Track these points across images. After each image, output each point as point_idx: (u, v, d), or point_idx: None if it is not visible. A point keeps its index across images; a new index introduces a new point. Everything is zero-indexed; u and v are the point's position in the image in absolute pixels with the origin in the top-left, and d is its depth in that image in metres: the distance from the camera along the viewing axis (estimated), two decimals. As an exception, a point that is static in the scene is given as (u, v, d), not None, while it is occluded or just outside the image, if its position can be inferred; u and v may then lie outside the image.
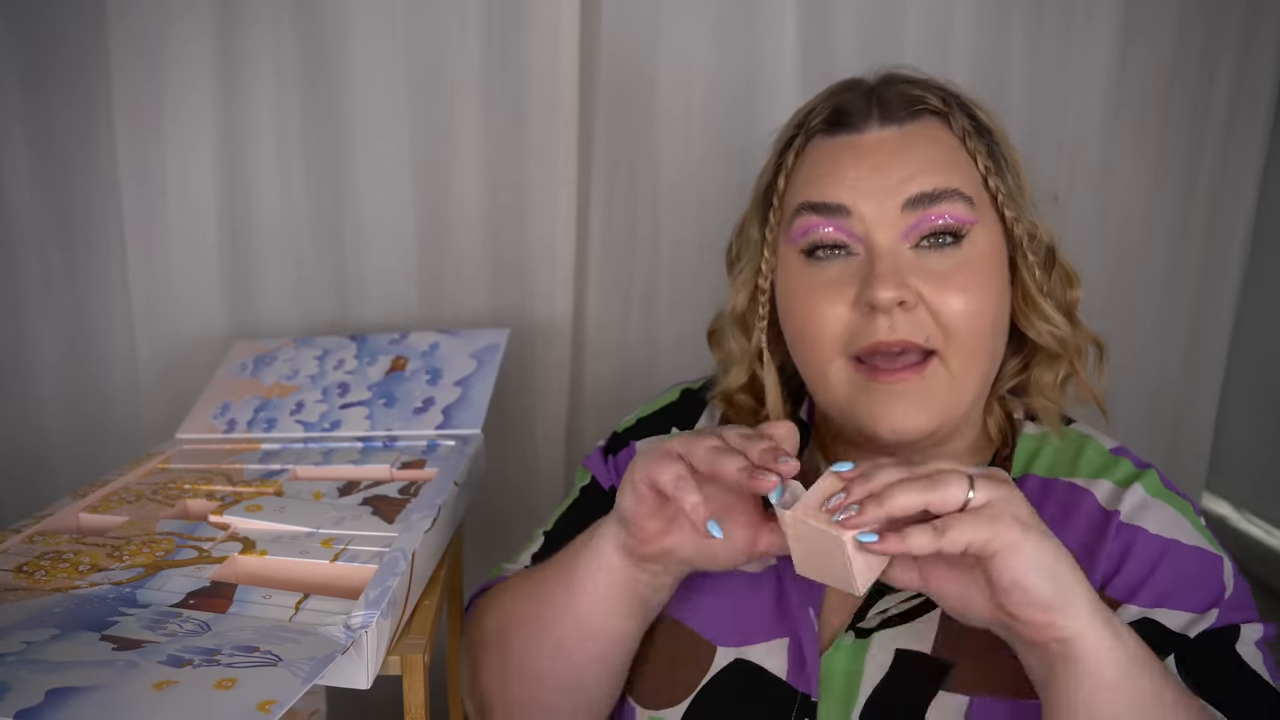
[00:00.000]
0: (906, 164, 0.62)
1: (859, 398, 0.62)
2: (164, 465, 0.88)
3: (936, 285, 0.61)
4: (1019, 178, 0.67)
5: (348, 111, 1.07)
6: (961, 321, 0.61)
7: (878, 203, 0.62)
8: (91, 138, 1.05)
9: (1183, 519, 0.64)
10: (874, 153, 0.63)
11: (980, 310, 0.62)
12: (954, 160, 0.64)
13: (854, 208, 0.62)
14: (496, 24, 1.06)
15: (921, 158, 0.63)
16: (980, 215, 0.63)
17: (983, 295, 0.62)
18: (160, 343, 1.10)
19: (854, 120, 0.65)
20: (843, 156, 0.64)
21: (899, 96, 0.65)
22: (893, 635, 0.63)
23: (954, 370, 0.62)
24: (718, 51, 1.09)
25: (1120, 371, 1.21)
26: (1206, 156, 1.17)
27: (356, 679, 0.56)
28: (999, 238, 0.65)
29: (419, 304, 1.13)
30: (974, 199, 0.63)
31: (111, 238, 1.08)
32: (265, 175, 1.08)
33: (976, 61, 1.11)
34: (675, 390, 0.83)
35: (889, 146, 0.63)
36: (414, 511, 0.72)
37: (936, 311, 0.61)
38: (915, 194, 0.61)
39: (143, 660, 0.50)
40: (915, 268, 0.61)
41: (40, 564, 0.66)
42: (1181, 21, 1.13)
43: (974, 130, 0.65)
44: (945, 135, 0.64)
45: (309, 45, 1.05)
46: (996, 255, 0.64)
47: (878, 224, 0.62)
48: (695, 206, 1.14)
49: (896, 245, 0.62)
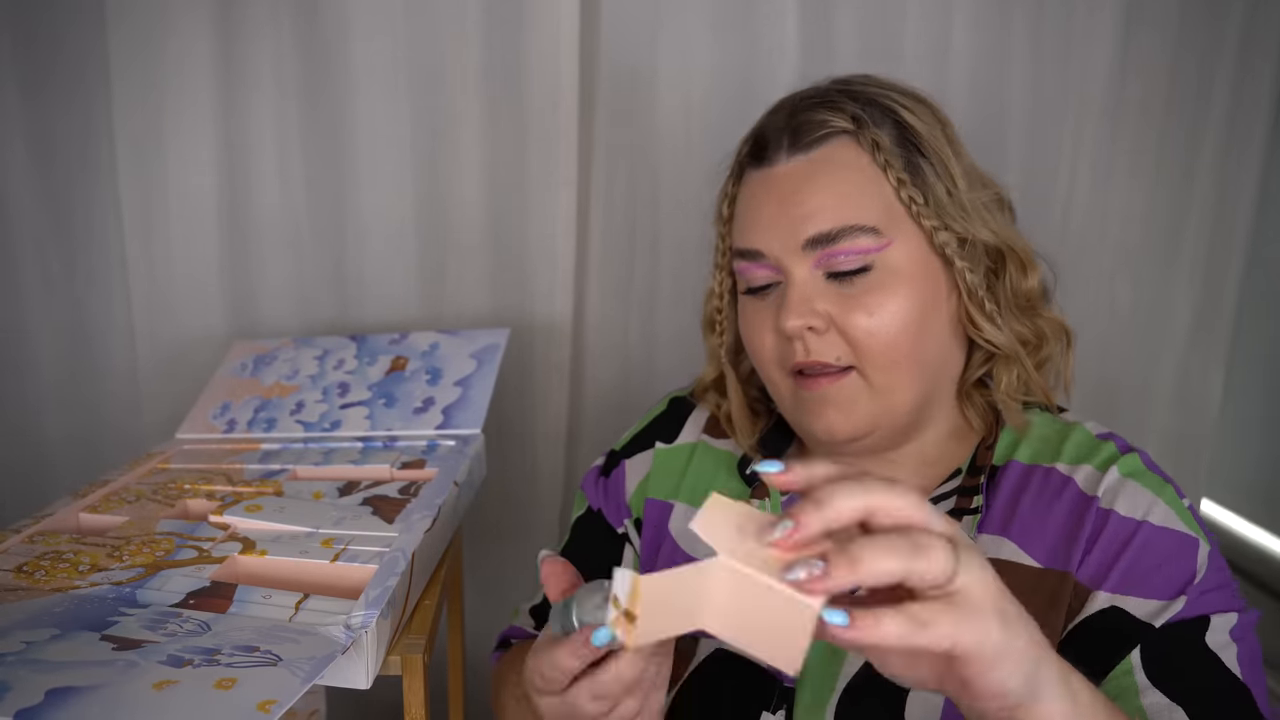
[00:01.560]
0: (807, 199, 0.64)
1: (798, 404, 0.67)
2: (164, 465, 0.88)
3: (844, 308, 0.64)
4: (954, 179, 0.66)
5: (348, 112, 1.07)
6: (870, 340, 0.63)
7: (783, 241, 0.65)
8: (92, 139, 1.05)
9: (1157, 499, 0.63)
10: (780, 186, 0.66)
11: (891, 326, 0.63)
12: (859, 185, 0.64)
13: (766, 250, 0.66)
14: (497, 24, 1.06)
15: (823, 190, 0.64)
16: (893, 234, 0.64)
17: (894, 312, 0.63)
18: (160, 343, 1.10)
19: (768, 151, 0.67)
20: (758, 193, 0.67)
21: (808, 122, 0.66)
22: None
23: (875, 382, 0.64)
24: (718, 52, 1.09)
25: (1120, 372, 1.21)
26: (1206, 156, 1.17)
27: (356, 679, 0.56)
28: (923, 247, 0.65)
29: (419, 304, 1.13)
30: (879, 225, 0.63)
31: (112, 239, 1.08)
32: (265, 176, 1.08)
33: (976, 61, 1.12)
34: (664, 401, 0.84)
35: (794, 179, 0.65)
36: (414, 511, 0.72)
37: (844, 331, 0.64)
38: (813, 234, 0.64)
39: (143, 660, 0.50)
40: (826, 293, 0.64)
41: (40, 564, 0.66)
42: (1181, 21, 1.13)
43: (892, 141, 0.65)
44: (854, 156, 0.65)
45: (309, 47, 1.05)
46: (918, 267, 0.65)
47: (786, 258, 0.65)
48: (695, 207, 1.13)
49: (809, 274, 0.65)
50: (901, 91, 0.68)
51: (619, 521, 0.79)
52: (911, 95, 0.68)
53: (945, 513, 0.59)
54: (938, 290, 0.66)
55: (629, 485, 0.79)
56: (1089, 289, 1.17)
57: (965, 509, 0.66)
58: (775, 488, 0.47)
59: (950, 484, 0.68)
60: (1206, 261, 1.19)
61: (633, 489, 0.79)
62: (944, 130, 0.67)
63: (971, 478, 0.67)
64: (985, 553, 0.62)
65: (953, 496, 0.67)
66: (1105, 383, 1.21)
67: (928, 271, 0.65)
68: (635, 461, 0.80)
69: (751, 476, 0.73)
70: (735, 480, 0.75)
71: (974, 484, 0.66)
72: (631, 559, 0.77)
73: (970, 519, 0.65)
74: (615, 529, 0.79)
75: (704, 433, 0.79)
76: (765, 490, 0.72)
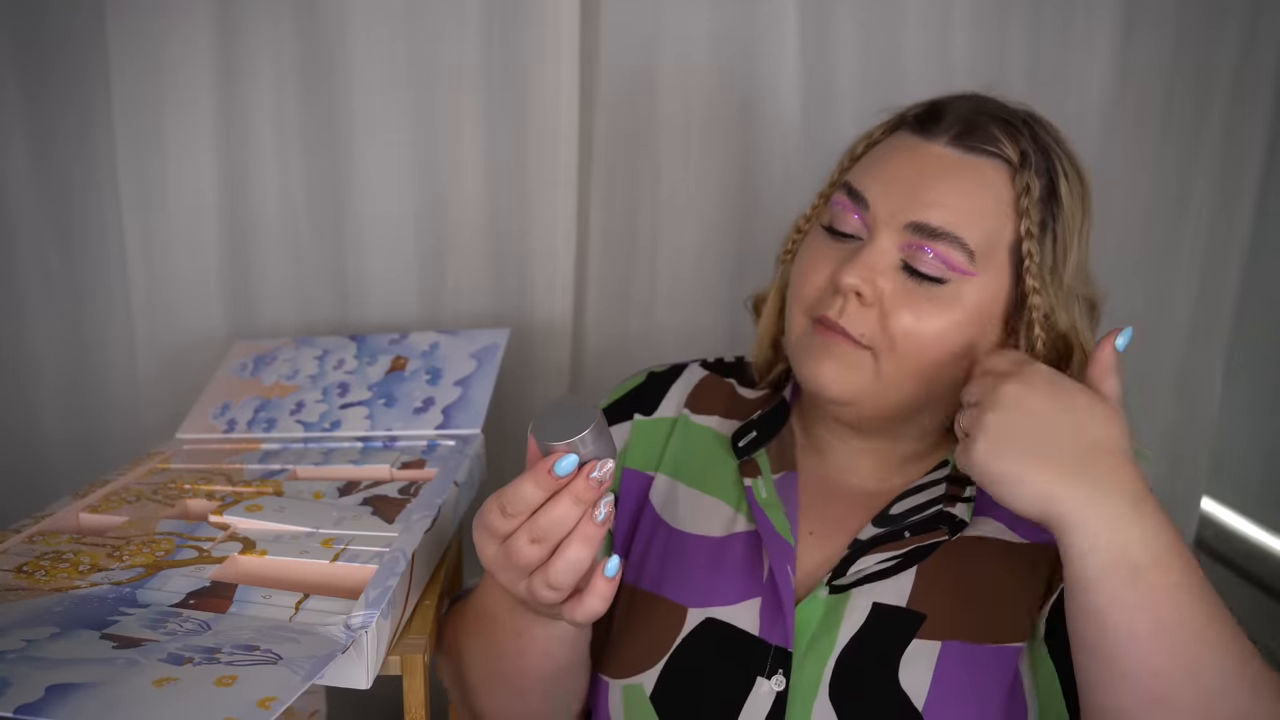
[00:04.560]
0: (939, 188, 0.64)
1: (805, 346, 0.68)
2: (164, 465, 0.88)
3: (900, 297, 0.64)
4: (1067, 259, 0.67)
5: (348, 112, 1.07)
6: (903, 339, 0.64)
7: (894, 210, 0.65)
8: (91, 138, 1.05)
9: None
10: (925, 162, 0.66)
11: (926, 340, 0.64)
12: (990, 210, 0.65)
13: (873, 202, 0.66)
14: (497, 23, 1.06)
15: (957, 191, 0.64)
16: (982, 270, 0.64)
17: (939, 332, 0.64)
18: (160, 343, 1.10)
19: (936, 128, 0.67)
20: (901, 155, 0.67)
21: (983, 130, 0.66)
22: (869, 590, 0.66)
23: (883, 371, 0.65)
24: (718, 51, 1.09)
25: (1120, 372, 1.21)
26: (1206, 157, 1.17)
27: (356, 679, 0.56)
28: (1000, 300, 0.66)
29: (419, 304, 1.13)
30: (978, 253, 0.64)
31: (111, 238, 1.08)
32: (265, 176, 1.08)
33: (976, 61, 1.12)
34: (642, 374, 0.84)
35: (941, 164, 0.65)
36: (414, 511, 0.72)
37: (885, 316, 0.64)
38: (921, 221, 0.64)
39: (143, 658, 0.50)
40: (892, 275, 0.65)
41: (40, 564, 0.66)
42: (1181, 23, 1.13)
43: (1040, 194, 0.65)
44: (1002, 185, 0.65)
45: (309, 46, 1.05)
46: (985, 312, 0.65)
47: (885, 225, 0.65)
48: (695, 208, 1.14)
49: (890, 248, 0.65)
50: (1071, 157, 0.68)
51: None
52: (1078, 166, 0.68)
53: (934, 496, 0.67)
54: (986, 333, 0.66)
55: None
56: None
57: (958, 496, 0.69)
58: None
59: (939, 472, 0.71)
60: (1206, 261, 1.19)
61: None
62: (1084, 216, 0.68)
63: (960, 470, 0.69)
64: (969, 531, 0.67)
65: (942, 484, 0.69)
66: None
67: (988, 321, 0.66)
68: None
69: (743, 451, 0.74)
70: (730, 458, 0.75)
71: (965, 475, 0.67)
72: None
73: (965, 506, 0.68)
74: None
75: (685, 406, 0.79)
76: (756, 468, 0.73)
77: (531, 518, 0.53)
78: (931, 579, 0.65)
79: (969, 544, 0.67)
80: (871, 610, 0.65)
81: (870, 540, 0.67)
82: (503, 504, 0.53)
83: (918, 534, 0.67)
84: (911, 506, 0.69)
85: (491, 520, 0.54)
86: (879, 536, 0.68)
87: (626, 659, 0.70)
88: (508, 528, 0.53)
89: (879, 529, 0.68)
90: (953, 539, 0.67)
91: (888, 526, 0.68)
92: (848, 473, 0.73)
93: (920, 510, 0.68)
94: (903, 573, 0.66)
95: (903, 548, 0.66)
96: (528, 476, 0.52)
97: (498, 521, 0.54)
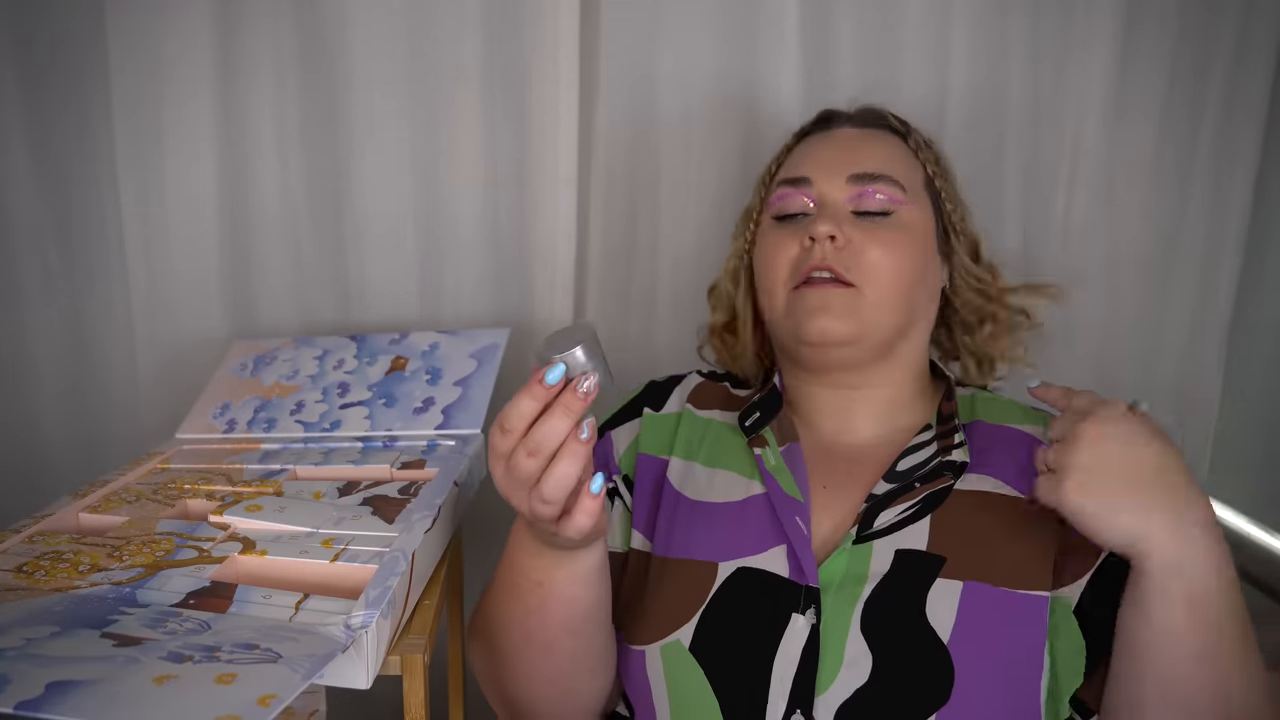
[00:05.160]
0: (861, 150, 0.80)
1: (795, 307, 0.77)
2: (164, 465, 0.88)
3: (864, 236, 0.76)
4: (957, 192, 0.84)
5: (348, 112, 1.07)
6: (876, 269, 0.75)
7: (829, 174, 0.79)
8: (90, 138, 1.05)
9: None
10: (840, 141, 0.82)
11: (897, 264, 0.76)
12: (902, 159, 0.81)
13: (813, 177, 0.80)
14: (497, 23, 1.06)
15: (873, 149, 0.81)
16: (912, 200, 0.79)
17: (901, 254, 0.76)
18: (160, 343, 1.10)
19: (832, 122, 0.85)
20: (817, 144, 0.83)
21: (871, 113, 0.85)
22: (892, 540, 0.71)
23: (869, 298, 0.75)
24: (717, 51, 1.09)
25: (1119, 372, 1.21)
26: (1204, 157, 1.17)
27: (356, 679, 0.56)
28: (928, 223, 0.80)
29: (419, 304, 1.13)
30: (907, 188, 0.79)
31: (111, 238, 1.08)
32: (265, 176, 1.08)
33: (976, 60, 1.12)
34: (642, 386, 0.88)
35: (853, 138, 0.82)
36: (414, 511, 0.72)
37: (859, 253, 0.75)
38: (859, 172, 0.78)
39: (143, 656, 0.50)
40: (851, 222, 0.77)
41: (40, 564, 0.66)
42: (1180, 23, 1.13)
43: (925, 145, 0.83)
44: (899, 145, 0.82)
45: (309, 45, 1.05)
46: (924, 233, 0.79)
47: (828, 188, 0.79)
48: (695, 208, 1.14)
49: (840, 203, 0.78)
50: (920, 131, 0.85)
51: (608, 477, 0.80)
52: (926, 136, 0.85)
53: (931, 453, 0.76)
54: (931, 255, 0.80)
55: (618, 448, 0.84)
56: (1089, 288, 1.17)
57: (950, 445, 0.75)
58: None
59: (925, 434, 0.78)
60: (1206, 260, 1.19)
61: (622, 450, 0.83)
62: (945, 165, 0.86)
63: (943, 425, 0.78)
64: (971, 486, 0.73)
65: (933, 443, 0.76)
66: (1105, 382, 1.21)
67: (929, 240, 0.80)
68: (622, 430, 0.85)
69: (751, 428, 0.80)
70: (738, 437, 0.81)
71: (949, 429, 0.77)
72: (620, 512, 0.80)
73: (960, 450, 0.75)
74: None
75: (688, 403, 0.85)
76: (763, 440, 0.78)
77: (528, 433, 0.57)
78: (946, 527, 0.71)
79: (973, 497, 0.73)
80: (895, 556, 0.70)
81: (886, 495, 0.73)
82: (502, 421, 0.58)
83: (926, 483, 0.73)
84: (915, 463, 0.75)
85: (494, 440, 0.59)
86: (893, 491, 0.73)
87: (661, 621, 0.72)
88: (508, 445, 0.58)
89: (891, 484, 0.74)
90: (959, 488, 0.73)
91: (899, 482, 0.74)
92: (844, 434, 0.80)
93: (923, 465, 0.75)
94: (919, 521, 0.72)
95: (916, 497, 0.73)
96: (523, 391, 0.58)
97: (499, 440, 0.58)
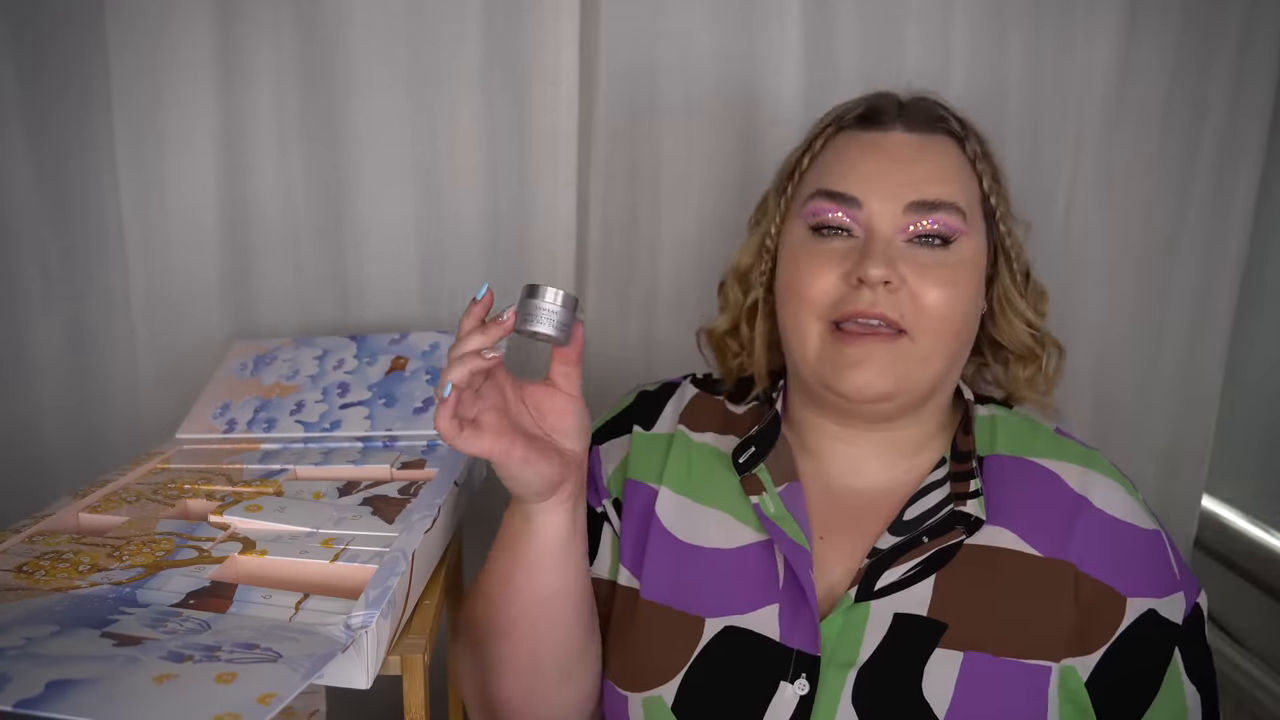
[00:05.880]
0: (917, 169, 0.70)
1: (828, 356, 0.69)
2: (164, 465, 0.88)
3: (920, 276, 0.68)
4: (1008, 199, 0.75)
5: (348, 111, 1.07)
6: (935, 310, 0.68)
7: (884, 199, 0.69)
8: (90, 137, 1.05)
9: (1130, 499, 0.71)
10: (891, 150, 0.71)
11: (954, 304, 0.68)
12: (960, 176, 0.71)
13: (864, 201, 0.69)
14: (497, 23, 1.06)
15: (931, 167, 0.70)
16: (970, 229, 0.70)
17: (958, 293, 0.69)
18: (160, 343, 1.10)
19: (882, 120, 0.73)
20: (861, 150, 0.72)
21: (925, 112, 0.73)
22: (892, 601, 0.67)
23: (921, 348, 0.68)
24: (718, 50, 1.09)
25: (1120, 372, 1.21)
26: (1206, 157, 1.17)
27: (356, 679, 0.56)
28: (982, 252, 0.72)
29: (419, 304, 1.13)
30: (968, 214, 0.70)
31: (111, 238, 1.08)
32: (265, 176, 1.08)
33: (976, 59, 1.11)
34: (633, 394, 0.85)
35: (907, 149, 0.71)
36: (414, 511, 0.72)
37: (916, 297, 0.68)
38: (917, 200, 0.68)
39: (143, 655, 0.50)
40: (905, 257, 0.68)
41: (40, 564, 0.66)
42: (1182, 21, 1.13)
43: (983, 155, 0.73)
44: (957, 153, 0.72)
45: (309, 44, 1.05)
46: (977, 264, 0.72)
47: (881, 217, 0.69)
48: (695, 207, 1.14)
49: (892, 236, 0.69)
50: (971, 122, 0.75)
51: (597, 502, 0.80)
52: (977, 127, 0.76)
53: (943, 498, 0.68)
54: (981, 288, 0.73)
55: (605, 468, 0.80)
56: (1089, 288, 1.17)
57: (963, 493, 0.69)
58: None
59: (938, 472, 0.72)
60: (1207, 260, 1.19)
61: (610, 471, 0.80)
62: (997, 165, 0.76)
63: (958, 464, 0.72)
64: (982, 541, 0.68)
65: (946, 484, 0.70)
66: (1105, 382, 1.21)
67: (980, 270, 0.72)
68: (609, 447, 0.81)
69: (743, 466, 0.75)
70: (731, 474, 0.76)
71: (964, 469, 0.71)
72: (610, 538, 0.78)
73: (975, 502, 0.69)
74: (594, 508, 0.79)
75: (681, 423, 0.80)
76: (758, 483, 0.73)
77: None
78: (950, 588, 0.67)
79: (985, 554, 0.68)
80: (893, 620, 0.66)
81: (891, 550, 0.68)
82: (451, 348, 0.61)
83: (935, 537, 0.68)
84: (924, 511, 0.70)
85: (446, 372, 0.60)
86: (899, 546, 0.68)
87: (645, 672, 0.70)
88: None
89: (897, 537, 0.69)
90: (969, 543, 0.68)
91: (905, 534, 0.69)
92: (850, 475, 0.74)
93: (933, 513, 0.69)
94: (922, 582, 0.67)
95: (923, 553, 0.68)
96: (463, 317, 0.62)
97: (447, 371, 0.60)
